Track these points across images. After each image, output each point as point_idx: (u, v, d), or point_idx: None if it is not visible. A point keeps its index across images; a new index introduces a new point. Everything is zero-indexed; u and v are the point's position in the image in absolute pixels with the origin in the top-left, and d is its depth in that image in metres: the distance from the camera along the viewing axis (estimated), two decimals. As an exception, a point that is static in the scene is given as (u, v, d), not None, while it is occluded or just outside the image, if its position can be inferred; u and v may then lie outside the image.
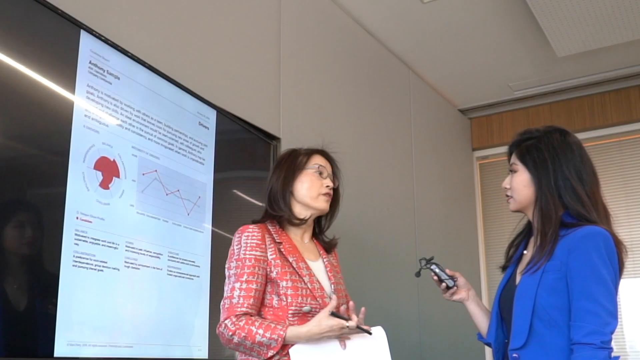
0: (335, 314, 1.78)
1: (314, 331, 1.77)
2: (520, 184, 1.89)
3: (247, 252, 1.89)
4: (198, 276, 2.51)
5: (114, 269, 2.12)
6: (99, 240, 2.07)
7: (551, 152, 1.84)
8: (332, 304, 1.80)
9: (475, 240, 5.24)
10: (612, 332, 1.69)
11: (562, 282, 1.74)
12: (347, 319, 1.79)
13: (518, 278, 1.88)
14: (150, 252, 2.28)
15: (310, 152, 2.09)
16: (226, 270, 1.93)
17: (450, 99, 5.17)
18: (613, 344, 1.70)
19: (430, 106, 4.86)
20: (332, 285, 1.98)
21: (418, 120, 4.57)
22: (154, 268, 2.29)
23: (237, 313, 1.82)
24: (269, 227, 1.99)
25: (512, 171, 1.92)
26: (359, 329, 1.82)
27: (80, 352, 1.97)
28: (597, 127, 4.88)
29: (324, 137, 2.28)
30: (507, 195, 1.94)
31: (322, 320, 1.78)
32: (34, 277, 1.91)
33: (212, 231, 2.61)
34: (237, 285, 1.85)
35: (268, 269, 1.89)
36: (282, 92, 3.19)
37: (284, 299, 1.86)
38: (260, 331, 1.77)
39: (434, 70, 4.66)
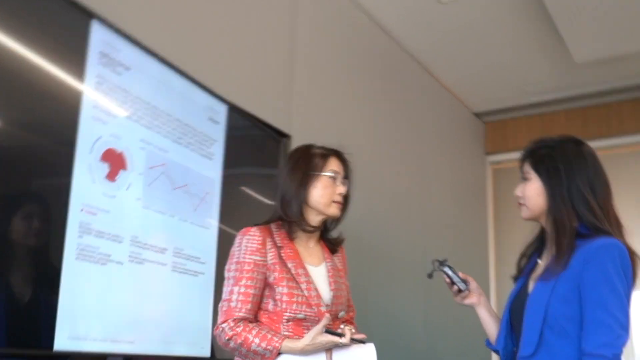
0: (329, 331, 1.80)
1: (308, 349, 1.79)
2: (533, 192, 1.87)
3: (247, 256, 1.87)
4: (203, 273, 2.48)
5: (118, 262, 2.10)
6: (103, 233, 2.05)
7: (564, 162, 1.83)
8: (324, 322, 1.80)
9: (485, 247, 5.19)
10: (623, 345, 1.66)
11: (575, 292, 1.72)
12: (341, 335, 1.80)
13: (531, 286, 1.85)
14: (155, 247, 2.26)
15: (326, 155, 2.02)
16: (225, 272, 1.91)
17: (465, 102, 5.13)
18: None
19: (445, 108, 4.82)
20: (332, 292, 1.94)
21: (432, 121, 4.53)
22: (158, 263, 2.27)
23: (235, 317, 1.82)
24: (273, 230, 1.96)
25: (525, 179, 1.90)
26: (353, 341, 1.83)
27: (81, 347, 1.95)
28: (613, 135, 4.81)
29: (335, 137, 2.24)
30: (520, 203, 1.92)
31: (317, 338, 1.79)
32: (36, 269, 1.90)
33: (219, 228, 2.58)
34: (236, 289, 1.85)
35: (267, 273, 1.88)
36: (294, 89, 3.16)
37: (279, 305, 1.86)
38: (257, 340, 1.78)
39: (450, 72, 4.62)
